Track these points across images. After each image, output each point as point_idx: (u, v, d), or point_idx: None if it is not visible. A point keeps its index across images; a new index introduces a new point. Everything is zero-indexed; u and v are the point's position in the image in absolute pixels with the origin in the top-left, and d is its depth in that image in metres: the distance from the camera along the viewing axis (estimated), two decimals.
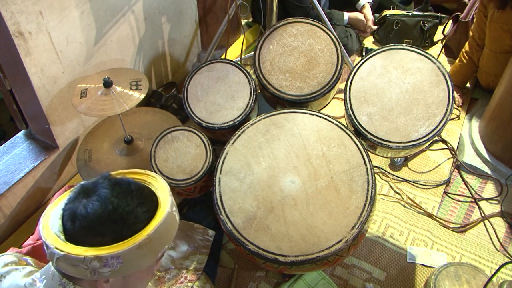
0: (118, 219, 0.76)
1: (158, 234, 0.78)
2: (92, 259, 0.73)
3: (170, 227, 0.82)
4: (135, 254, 0.76)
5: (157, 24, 2.03)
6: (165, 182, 0.89)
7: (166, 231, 0.80)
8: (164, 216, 0.79)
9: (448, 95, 1.28)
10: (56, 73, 1.58)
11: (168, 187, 0.87)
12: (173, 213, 0.83)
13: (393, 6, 2.69)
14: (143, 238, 0.76)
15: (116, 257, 0.74)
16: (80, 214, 0.76)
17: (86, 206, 0.76)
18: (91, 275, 0.74)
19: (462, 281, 1.40)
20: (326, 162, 1.25)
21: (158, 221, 0.78)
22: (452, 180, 1.89)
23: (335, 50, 1.45)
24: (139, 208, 0.78)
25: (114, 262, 0.74)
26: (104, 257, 0.73)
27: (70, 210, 0.77)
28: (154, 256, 0.80)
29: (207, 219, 1.61)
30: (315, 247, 1.15)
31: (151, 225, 0.78)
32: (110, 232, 0.76)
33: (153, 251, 0.78)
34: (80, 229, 0.76)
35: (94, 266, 0.74)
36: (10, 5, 1.32)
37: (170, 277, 1.33)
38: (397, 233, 1.69)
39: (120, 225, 0.76)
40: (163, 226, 0.79)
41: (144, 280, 0.88)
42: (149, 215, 0.79)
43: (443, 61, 2.55)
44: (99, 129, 1.81)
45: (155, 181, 0.89)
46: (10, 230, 1.65)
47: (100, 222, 0.75)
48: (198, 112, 1.48)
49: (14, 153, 1.71)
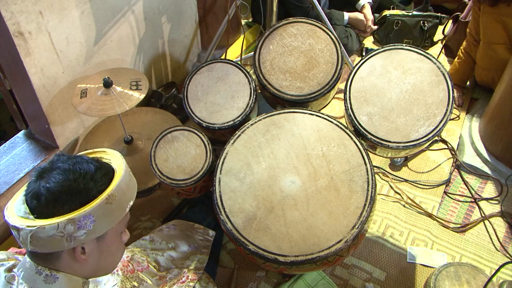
0: (81, 186, 0.80)
1: (120, 190, 0.83)
2: (66, 223, 0.76)
3: (129, 184, 0.87)
4: (105, 209, 0.80)
5: (157, 24, 2.03)
6: (115, 150, 0.95)
7: (128, 187, 0.86)
8: (122, 173, 0.85)
9: (448, 95, 1.28)
10: (56, 73, 1.58)
11: (119, 153, 0.93)
12: (129, 172, 0.89)
13: (393, 6, 2.69)
14: (109, 193, 0.81)
15: (87, 216, 0.77)
16: (44, 189, 0.78)
17: (48, 181, 0.79)
18: (67, 242, 0.77)
19: (462, 281, 1.40)
20: (326, 162, 1.25)
21: (118, 178, 0.84)
22: (452, 180, 1.90)
23: (335, 50, 1.45)
24: (98, 172, 0.83)
25: (87, 222, 0.78)
26: (77, 218, 0.76)
27: (32, 191, 0.80)
28: (122, 212, 0.85)
29: (207, 219, 1.61)
30: (315, 247, 1.15)
31: (113, 182, 0.83)
32: (76, 198, 0.79)
33: (120, 206, 0.83)
34: (47, 202, 0.78)
35: (69, 231, 0.76)
36: (10, 5, 1.32)
37: (171, 276, 1.33)
38: (397, 233, 1.69)
39: (83, 192, 0.80)
40: (123, 182, 0.84)
41: (117, 248, 0.91)
42: (108, 178, 0.84)
43: (443, 61, 2.55)
44: (99, 129, 1.81)
45: (105, 153, 0.94)
46: (10, 230, 1.65)
47: (65, 192, 0.78)
48: (198, 112, 1.48)
49: (14, 153, 1.71)
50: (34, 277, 0.81)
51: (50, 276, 0.82)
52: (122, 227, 0.90)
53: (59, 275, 0.82)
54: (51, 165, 0.82)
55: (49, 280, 0.81)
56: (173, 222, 1.55)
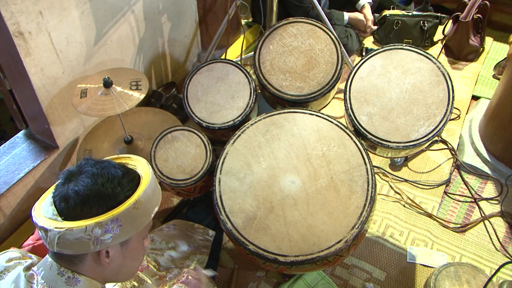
0: (109, 190, 0.81)
1: (147, 196, 0.84)
2: (94, 226, 0.77)
3: (155, 190, 0.88)
4: (132, 215, 0.81)
5: (157, 24, 2.03)
6: (140, 157, 0.96)
7: (153, 193, 0.87)
8: (150, 179, 0.86)
9: (448, 95, 1.28)
10: (56, 73, 1.58)
11: (144, 160, 0.94)
12: (155, 179, 0.90)
13: (393, 6, 2.69)
14: (136, 199, 0.81)
15: (115, 219, 0.78)
16: (72, 192, 0.79)
17: (77, 184, 0.80)
18: (94, 245, 0.78)
19: (462, 281, 1.40)
20: (326, 162, 1.25)
21: (145, 184, 0.85)
22: (452, 180, 1.89)
23: (335, 50, 1.45)
24: (125, 178, 0.84)
25: (114, 226, 0.79)
26: (105, 221, 0.77)
27: (61, 194, 0.81)
28: (148, 218, 0.85)
29: (207, 219, 1.61)
30: (315, 247, 1.15)
31: (140, 188, 0.84)
32: (104, 202, 0.80)
33: (146, 212, 0.84)
34: (75, 205, 0.79)
35: (96, 234, 0.77)
36: (10, 5, 1.32)
37: (171, 276, 1.33)
38: (397, 233, 1.69)
39: (111, 195, 0.81)
40: (149, 188, 0.85)
41: (140, 253, 0.92)
42: (134, 184, 0.85)
43: (443, 61, 2.55)
44: (99, 129, 1.81)
45: (130, 159, 0.95)
46: (10, 230, 1.65)
47: (93, 196, 0.79)
48: (198, 112, 1.48)
49: (14, 153, 1.71)
50: (56, 278, 0.82)
51: (72, 279, 0.82)
52: (145, 232, 0.91)
53: (81, 278, 0.82)
54: (79, 169, 0.83)
55: (71, 282, 0.82)
56: (173, 222, 1.55)
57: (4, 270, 0.87)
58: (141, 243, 0.91)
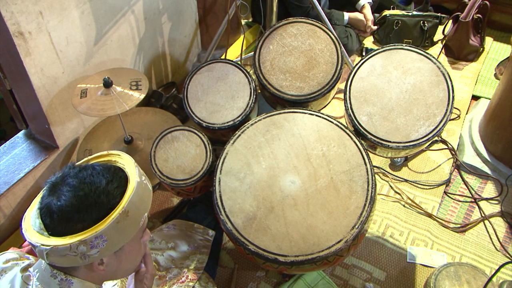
0: (92, 202, 0.78)
1: (133, 205, 0.81)
2: (78, 244, 0.75)
3: (143, 196, 0.84)
4: (117, 228, 0.78)
5: (157, 24, 2.03)
6: (129, 156, 0.92)
7: (141, 200, 0.83)
8: (134, 186, 0.82)
9: (448, 95, 1.28)
10: (56, 73, 1.58)
11: (133, 160, 0.90)
12: (143, 182, 0.86)
13: (393, 6, 2.69)
14: (119, 213, 0.78)
15: (99, 236, 0.76)
16: (55, 207, 0.78)
17: (59, 198, 0.78)
18: (82, 260, 0.77)
19: (462, 281, 1.40)
20: (326, 162, 1.25)
21: (130, 193, 0.81)
22: (452, 180, 1.89)
23: (335, 50, 1.45)
24: (109, 185, 0.81)
25: (99, 241, 0.77)
26: (88, 239, 0.76)
27: (45, 207, 0.80)
28: (136, 226, 0.83)
29: (207, 219, 1.61)
30: (315, 247, 1.15)
31: (124, 199, 0.80)
32: (88, 216, 0.78)
33: (133, 222, 0.81)
34: (59, 221, 0.78)
35: (82, 251, 0.76)
36: (10, 5, 1.32)
37: (171, 276, 1.33)
38: (397, 233, 1.69)
39: (96, 207, 0.78)
40: (135, 196, 0.81)
41: (138, 253, 0.91)
42: (121, 190, 0.82)
43: (443, 61, 2.55)
44: (99, 129, 1.81)
45: (120, 158, 0.91)
46: (10, 230, 1.65)
47: (76, 210, 0.78)
48: (198, 112, 1.48)
49: (14, 153, 1.71)
50: (49, 280, 0.81)
51: (65, 281, 0.82)
52: (140, 234, 0.89)
53: (74, 280, 0.82)
54: (62, 179, 0.81)
55: (64, 285, 0.82)
56: (173, 222, 1.55)
57: (1, 271, 0.87)
58: (137, 243, 0.89)
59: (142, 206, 0.84)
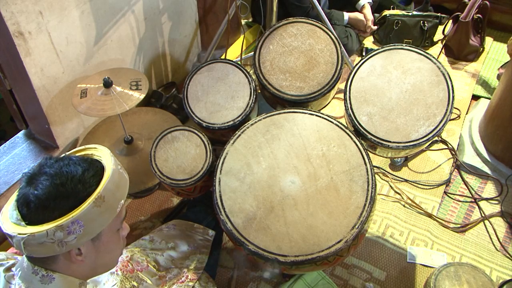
0: (69, 190, 0.79)
1: (109, 191, 0.82)
2: (55, 230, 0.75)
3: (119, 183, 0.86)
4: (93, 213, 0.79)
5: (157, 24, 2.03)
6: (105, 147, 0.93)
7: (117, 187, 0.84)
8: (110, 174, 0.83)
9: (448, 95, 1.28)
10: (56, 73, 1.58)
11: (109, 151, 0.92)
12: (119, 170, 0.87)
13: (393, 6, 2.69)
14: (95, 197, 0.79)
15: (75, 221, 0.77)
16: (32, 196, 0.78)
17: (36, 188, 0.79)
18: (59, 247, 0.77)
19: (462, 281, 1.40)
20: (326, 162, 1.25)
21: (106, 179, 0.82)
22: (452, 180, 1.89)
23: (335, 50, 1.45)
24: (86, 174, 0.82)
25: (76, 227, 0.77)
26: (65, 224, 0.76)
27: (22, 197, 0.80)
28: (113, 213, 0.83)
29: (207, 219, 1.61)
30: (315, 247, 1.15)
31: (101, 184, 0.82)
32: (65, 204, 0.78)
33: (109, 208, 0.82)
34: (36, 210, 0.78)
35: (59, 237, 0.76)
36: (10, 5, 1.32)
37: (171, 276, 1.33)
38: (397, 233, 1.69)
39: (72, 195, 0.79)
40: (111, 183, 0.83)
41: (116, 245, 0.91)
42: (97, 178, 0.83)
43: (443, 61, 2.55)
44: (99, 129, 1.81)
45: (96, 150, 0.93)
46: None
47: (53, 198, 0.78)
48: (198, 112, 1.48)
49: (14, 153, 1.71)
50: (31, 277, 0.82)
51: (46, 277, 0.82)
52: (117, 224, 0.90)
53: (55, 275, 0.82)
54: (39, 170, 0.82)
55: (45, 280, 0.82)
56: (173, 222, 1.55)
57: None
58: (115, 235, 0.90)
59: (119, 192, 0.85)
